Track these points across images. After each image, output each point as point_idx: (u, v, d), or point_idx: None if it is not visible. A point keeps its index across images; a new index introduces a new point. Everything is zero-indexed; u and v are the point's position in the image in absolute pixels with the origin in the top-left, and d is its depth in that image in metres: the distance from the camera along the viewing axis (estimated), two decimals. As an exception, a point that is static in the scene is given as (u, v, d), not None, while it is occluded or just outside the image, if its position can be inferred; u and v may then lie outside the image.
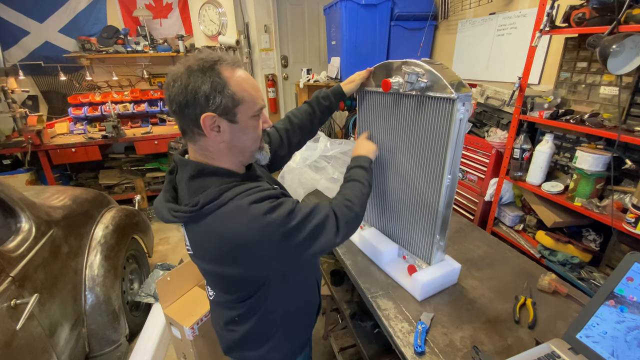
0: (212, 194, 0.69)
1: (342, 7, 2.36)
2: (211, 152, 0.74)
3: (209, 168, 0.73)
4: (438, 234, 0.98)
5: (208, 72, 0.67)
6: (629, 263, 0.74)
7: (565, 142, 1.65)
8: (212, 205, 0.68)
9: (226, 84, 0.68)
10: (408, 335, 0.89)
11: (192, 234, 0.76)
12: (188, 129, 0.71)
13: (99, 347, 1.55)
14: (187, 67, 0.68)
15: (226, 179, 0.73)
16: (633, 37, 1.17)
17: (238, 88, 0.69)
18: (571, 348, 0.80)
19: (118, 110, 3.41)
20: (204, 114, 0.67)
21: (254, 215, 0.67)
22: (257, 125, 0.76)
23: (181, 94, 0.67)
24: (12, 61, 3.28)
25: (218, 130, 0.70)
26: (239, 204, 0.68)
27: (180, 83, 0.67)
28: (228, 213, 0.68)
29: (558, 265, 1.55)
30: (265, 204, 0.69)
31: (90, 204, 1.81)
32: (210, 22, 3.56)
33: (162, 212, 0.75)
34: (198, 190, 0.71)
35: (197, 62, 0.68)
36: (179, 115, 0.69)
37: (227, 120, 0.70)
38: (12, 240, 1.25)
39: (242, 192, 0.70)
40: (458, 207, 2.22)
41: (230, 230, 0.68)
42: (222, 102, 0.68)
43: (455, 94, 0.82)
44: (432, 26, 2.65)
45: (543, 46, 1.85)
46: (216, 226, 0.69)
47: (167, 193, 0.78)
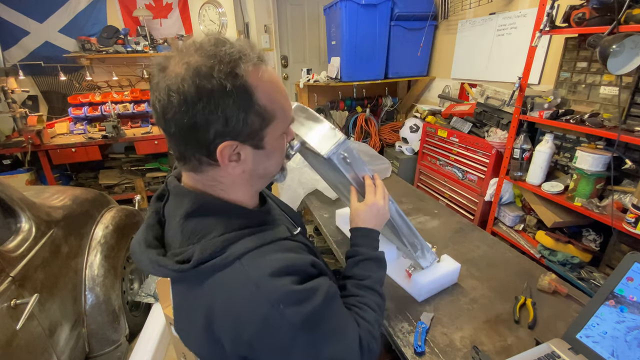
0: (212, 247, 0.50)
1: (342, 7, 2.36)
2: (222, 184, 0.55)
3: (214, 203, 0.55)
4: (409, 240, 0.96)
5: (228, 81, 0.45)
6: (629, 263, 0.74)
7: (565, 142, 1.65)
8: (210, 264, 0.49)
9: (253, 96, 0.48)
10: (408, 335, 0.89)
11: (177, 297, 0.60)
12: (191, 157, 0.52)
13: (99, 347, 1.55)
14: (190, 68, 0.46)
15: (235, 221, 0.54)
16: (633, 37, 1.17)
17: (268, 100, 0.50)
18: (571, 348, 0.80)
19: (118, 110, 3.41)
20: (223, 142, 0.49)
21: (264, 298, 0.47)
22: (284, 144, 0.58)
23: (184, 113, 0.46)
24: (12, 61, 3.28)
25: (237, 159, 0.52)
26: (250, 272, 0.49)
27: (182, 95, 0.45)
28: (230, 282, 0.49)
29: (558, 265, 1.55)
30: (286, 284, 0.49)
31: (90, 204, 1.80)
32: (210, 22, 3.56)
33: (141, 259, 0.55)
34: (194, 236, 0.53)
35: (208, 60, 0.46)
36: (181, 139, 0.50)
37: (251, 146, 0.52)
38: (12, 240, 1.25)
39: (255, 248, 0.51)
40: (458, 207, 2.22)
41: (225, 308, 0.49)
42: (248, 124, 0.49)
43: (326, 153, 0.72)
44: (432, 26, 2.65)
45: (543, 46, 1.85)
46: (210, 297, 0.50)
47: (149, 231, 0.58)
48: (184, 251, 0.52)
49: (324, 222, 1.50)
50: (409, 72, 2.78)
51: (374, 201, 0.79)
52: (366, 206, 0.79)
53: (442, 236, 1.35)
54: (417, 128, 2.61)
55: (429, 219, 1.49)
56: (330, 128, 0.74)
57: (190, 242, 0.53)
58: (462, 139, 2.09)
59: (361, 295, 0.68)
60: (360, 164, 0.82)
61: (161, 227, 0.60)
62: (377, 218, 0.79)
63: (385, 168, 2.02)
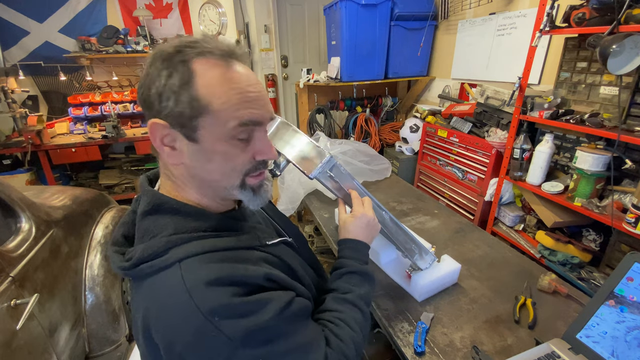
0: (154, 247, 0.49)
1: (342, 7, 2.36)
2: (172, 174, 0.55)
3: (169, 202, 0.53)
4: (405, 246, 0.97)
5: (171, 60, 0.47)
6: (629, 263, 0.74)
7: (565, 142, 1.65)
8: (149, 265, 0.48)
9: (190, 81, 0.47)
10: (408, 335, 0.89)
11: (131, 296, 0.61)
12: None
13: (99, 347, 1.55)
14: (155, 52, 0.50)
15: (190, 222, 0.52)
16: (633, 37, 1.17)
17: (206, 90, 0.47)
18: (571, 348, 0.80)
19: (118, 110, 3.41)
20: (152, 119, 0.49)
21: (196, 308, 0.44)
22: (233, 153, 0.51)
23: (140, 88, 0.50)
24: (12, 61, 3.28)
25: (172, 146, 0.51)
26: (186, 279, 0.46)
27: (144, 72, 0.50)
28: (165, 286, 0.47)
29: (558, 265, 1.55)
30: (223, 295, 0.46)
31: (90, 204, 1.80)
32: (210, 22, 3.56)
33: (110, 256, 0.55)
34: (147, 235, 0.51)
35: (169, 46, 0.49)
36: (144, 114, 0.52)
37: (183, 135, 0.49)
38: (12, 240, 1.25)
39: (200, 253, 0.49)
40: (458, 207, 2.22)
41: (158, 314, 0.47)
42: (177, 107, 0.47)
43: (312, 174, 0.73)
44: (432, 26, 2.65)
45: (543, 46, 1.85)
46: (146, 299, 0.48)
47: (120, 228, 0.58)
48: (128, 253, 0.51)
49: (324, 222, 1.50)
50: (409, 72, 2.78)
51: (362, 212, 0.77)
52: (355, 218, 0.77)
53: (442, 236, 1.35)
54: (417, 128, 2.61)
55: (428, 219, 1.49)
56: (314, 147, 0.72)
57: (142, 241, 0.51)
58: (462, 139, 2.09)
59: (339, 310, 0.63)
60: (347, 179, 0.82)
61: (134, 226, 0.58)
62: (367, 230, 0.77)
63: (385, 168, 2.02)
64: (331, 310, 0.63)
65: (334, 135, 3.03)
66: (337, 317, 0.61)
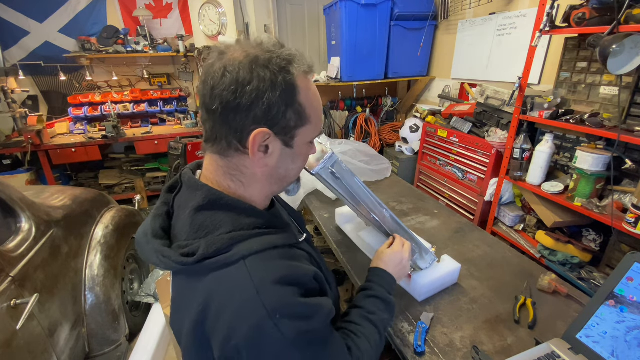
0: (218, 243, 0.50)
1: (342, 7, 2.36)
2: (242, 175, 0.56)
3: (226, 199, 0.54)
4: None
5: (280, 73, 0.50)
6: (629, 263, 0.74)
7: (565, 142, 1.65)
8: (214, 261, 0.49)
9: (297, 95, 0.52)
10: (408, 335, 0.89)
11: (176, 290, 0.59)
12: (223, 139, 0.53)
13: (99, 347, 1.55)
14: (249, 56, 0.50)
15: (245, 219, 0.54)
16: (633, 37, 1.17)
17: (308, 104, 0.54)
18: (571, 348, 0.80)
19: (118, 110, 3.41)
20: (259, 128, 0.50)
21: (262, 304, 0.46)
22: (308, 153, 0.61)
23: (233, 92, 0.48)
24: (12, 61, 3.28)
25: (265, 151, 0.53)
26: (253, 275, 0.48)
27: (235, 75, 0.48)
28: (231, 282, 0.49)
29: (558, 265, 1.55)
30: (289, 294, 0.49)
31: (90, 204, 1.80)
32: (210, 22, 3.56)
33: (145, 250, 0.56)
34: (202, 230, 0.53)
35: (266, 54, 0.50)
36: (219, 117, 0.51)
37: (282, 141, 0.54)
38: (12, 240, 1.25)
39: (261, 251, 0.51)
40: (458, 207, 2.22)
41: (220, 307, 0.48)
42: (286, 118, 0.52)
43: (314, 170, 0.76)
44: (432, 26, 2.65)
45: (543, 46, 1.85)
46: (208, 293, 0.49)
47: (156, 221, 0.58)
48: (190, 244, 0.51)
49: (324, 222, 1.50)
50: (409, 72, 2.78)
51: (400, 250, 0.86)
52: (392, 252, 0.85)
53: (442, 236, 1.35)
54: (417, 128, 2.61)
55: (428, 219, 1.49)
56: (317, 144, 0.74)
57: (197, 236, 0.52)
58: (462, 139, 2.09)
59: (363, 326, 0.68)
60: (349, 177, 0.84)
61: (169, 218, 0.60)
62: (398, 267, 0.83)
63: (385, 168, 2.02)
64: (356, 324, 0.68)
65: (334, 135, 3.03)
66: (360, 331, 0.66)
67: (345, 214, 1.39)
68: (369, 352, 0.64)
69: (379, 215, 0.93)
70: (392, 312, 0.76)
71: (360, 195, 0.89)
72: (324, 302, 0.53)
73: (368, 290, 0.76)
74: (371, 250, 1.22)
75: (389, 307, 0.74)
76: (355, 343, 0.63)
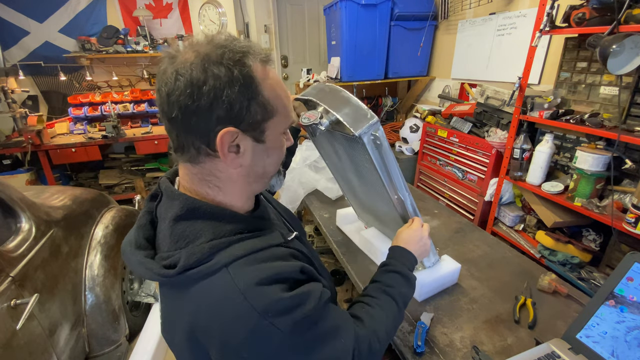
0: (198, 253, 0.49)
1: (342, 7, 2.36)
2: (218, 179, 0.54)
3: (204, 207, 0.53)
4: None
5: (235, 68, 0.47)
6: (629, 263, 0.74)
7: (565, 142, 1.65)
8: (196, 271, 0.48)
9: (258, 86, 0.49)
10: (408, 335, 0.89)
11: (165, 301, 0.58)
12: (191, 146, 0.50)
13: (99, 347, 1.55)
14: (200, 55, 0.47)
15: (225, 225, 0.53)
16: (633, 37, 1.17)
17: (272, 94, 0.51)
18: (571, 348, 0.80)
19: (118, 110, 3.41)
20: (224, 129, 0.48)
21: (252, 308, 0.46)
22: (283, 144, 0.58)
23: (189, 96, 0.46)
24: (12, 61, 3.28)
25: (237, 150, 0.51)
26: (237, 281, 0.48)
27: (189, 77, 0.46)
28: (217, 291, 0.48)
29: (558, 265, 1.55)
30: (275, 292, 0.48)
31: (90, 204, 1.80)
32: (210, 22, 3.56)
33: (131, 260, 0.55)
34: (182, 240, 0.51)
35: (218, 50, 0.47)
36: (181, 125, 0.49)
37: (252, 138, 0.51)
38: (12, 240, 1.25)
39: (243, 256, 0.50)
40: (458, 207, 2.22)
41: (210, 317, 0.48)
42: (251, 114, 0.49)
43: (358, 131, 0.71)
44: (432, 26, 2.65)
45: (543, 46, 1.85)
46: (194, 305, 0.49)
47: (140, 231, 0.57)
48: (171, 255, 0.51)
49: (324, 222, 1.50)
50: (409, 72, 2.78)
51: (419, 228, 0.85)
52: (412, 230, 0.85)
53: (442, 236, 1.35)
54: (417, 128, 2.61)
55: (429, 219, 1.49)
56: (364, 108, 0.72)
57: (178, 247, 0.51)
58: (462, 139, 2.09)
59: (379, 298, 0.68)
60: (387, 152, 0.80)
61: (153, 227, 0.58)
62: (418, 245, 0.82)
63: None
64: (371, 296, 0.69)
65: (334, 135, 3.03)
66: (374, 303, 0.67)
67: (347, 215, 1.39)
68: (384, 322, 0.65)
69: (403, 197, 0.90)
70: (413, 287, 0.75)
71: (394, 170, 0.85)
72: (311, 286, 0.53)
73: (387, 265, 0.76)
74: (372, 249, 1.23)
75: (408, 282, 0.74)
76: (370, 313, 0.64)
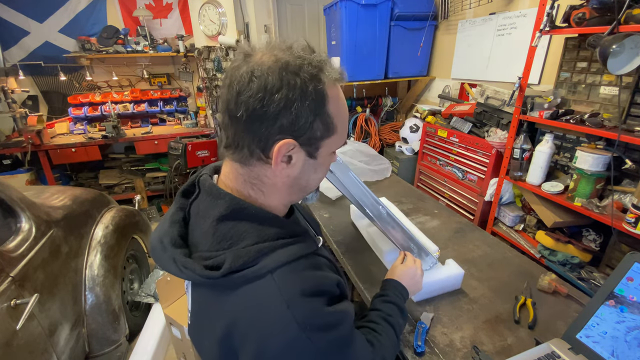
0: (245, 257, 0.48)
1: (342, 7, 2.36)
2: (263, 184, 0.54)
3: (249, 208, 0.53)
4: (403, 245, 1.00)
5: (312, 82, 0.47)
6: (629, 263, 0.74)
7: (565, 142, 1.65)
8: (242, 274, 0.48)
9: (325, 105, 0.49)
10: (408, 335, 0.89)
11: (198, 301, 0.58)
12: (245, 147, 0.50)
13: (99, 347, 1.55)
14: (279, 61, 0.47)
15: (268, 229, 0.53)
16: (633, 37, 1.16)
17: (336, 113, 0.51)
18: (571, 348, 0.80)
19: (118, 110, 3.42)
20: (284, 139, 0.48)
21: (293, 318, 0.46)
22: (330, 162, 0.58)
23: (260, 100, 0.46)
24: (12, 61, 3.28)
25: (288, 161, 0.51)
26: (282, 289, 0.47)
27: (264, 82, 0.45)
28: (261, 296, 0.48)
29: (558, 265, 1.55)
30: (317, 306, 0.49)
31: (90, 204, 1.80)
32: (210, 22, 3.55)
33: (162, 258, 0.53)
34: (226, 241, 0.51)
35: (297, 60, 0.47)
36: (243, 125, 0.48)
37: (306, 152, 0.51)
38: (12, 240, 1.25)
39: (287, 263, 0.50)
40: (458, 207, 2.22)
41: (251, 323, 0.47)
42: (313, 129, 0.49)
43: None
44: (432, 26, 2.65)
45: (543, 46, 1.85)
46: (235, 308, 0.49)
47: (173, 228, 0.56)
48: (213, 256, 0.50)
49: (324, 222, 1.50)
50: (409, 72, 2.78)
51: (413, 266, 0.89)
52: (405, 267, 0.88)
53: (442, 236, 1.35)
54: (417, 128, 2.61)
55: (429, 219, 1.49)
56: None
57: (221, 247, 0.51)
58: (462, 139, 2.09)
59: (382, 325, 0.71)
60: (343, 172, 0.86)
61: (185, 225, 0.58)
62: (411, 281, 0.86)
63: (385, 168, 2.02)
64: (376, 323, 0.72)
65: (334, 135, 3.02)
66: (380, 330, 0.70)
67: None
68: (389, 349, 0.68)
69: (374, 211, 0.94)
70: (406, 319, 0.79)
71: (353, 191, 0.91)
72: (348, 307, 0.54)
73: (385, 296, 0.79)
74: (375, 247, 1.23)
75: (403, 314, 0.78)
76: (377, 339, 0.67)
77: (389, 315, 0.74)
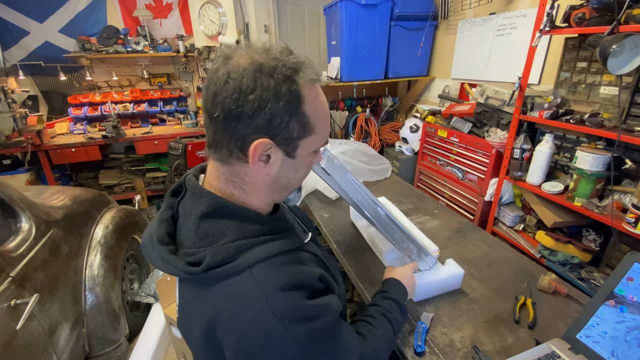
0: (224, 253, 0.50)
1: (342, 7, 2.36)
2: (244, 182, 0.56)
3: (230, 206, 0.54)
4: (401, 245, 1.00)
5: (285, 83, 0.48)
6: (629, 263, 0.74)
7: (565, 142, 1.65)
8: (220, 270, 0.50)
9: (302, 105, 0.51)
10: (408, 335, 0.89)
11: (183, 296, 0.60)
12: (224, 146, 0.52)
13: (99, 347, 1.55)
14: (254, 63, 0.48)
15: (249, 226, 0.54)
16: (633, 37, 1.17)
17: (313, 113, 0.52)
18: (571, 348, 0.80)
19: (118, 110, 3.41)
20: (260, 139, 0.50)
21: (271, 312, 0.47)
22: (312, 162, 0.59)
23: (235, 100, 0.47)
24: (12, 61, 3.28)
25: (266, 160, 0.53)
26: (260, 284, 0.49)
27: (238, 83, 0.47)
28: (239, 291, 0.49)
29: (558, 265, 1.55)
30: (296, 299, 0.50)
31: (90, 204, 1.80)
32: (210, 22, 3.55)
33: (151, 255, 0.56)
34: (207, 238, 0.53)
35: (272, 62, 0.49)
36: (220, 125, 0.50)
37: (283, 152, 0.53)
38: (12, 240, 1.25)
39: (267, 258, 0.51)
40: (458, 207, 2.22)
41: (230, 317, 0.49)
42: (289, 129, 0.51)
43: None
44: (432, 26, 2.65)
45: (543, 46, 1.85)
46: (216, 303, 0.51)
47: (161, 226, 0.58)
48: (195, 252, 0.52)
49: (324, 222, 1.50)
50: (409, 72, 2.78)
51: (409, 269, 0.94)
52: (401, 269, 0.93)
53: (442, 236, 1.35)
54: (417, 128, 2.61)
55: (429, 219, 1.49)
56: None
57: (202, 244, 0.53)
58: (462, 139, 2.09)
59: (379, 319, 0.73)
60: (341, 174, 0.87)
61: (174, 222, 0.60)
62: (410, 281, 0.90)
63: (385, 168, 2.02)
64: (373, 317, 0.74)
65: (334, 135, 3.03)
66: (376, 323, 0.72)
67: None
68: (383, 343, 0.69)
69: (373, 213, 0.94)
70: (405, 317, 0.81)
71: (351, 193, 0.91)
72: (330, 299, 0.55)
73: (385, 292, 0.82)
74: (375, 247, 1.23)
75: (403, 311, 0.79)
76: (371, 332, 0.69)
77: (387, 311, 0.75)
